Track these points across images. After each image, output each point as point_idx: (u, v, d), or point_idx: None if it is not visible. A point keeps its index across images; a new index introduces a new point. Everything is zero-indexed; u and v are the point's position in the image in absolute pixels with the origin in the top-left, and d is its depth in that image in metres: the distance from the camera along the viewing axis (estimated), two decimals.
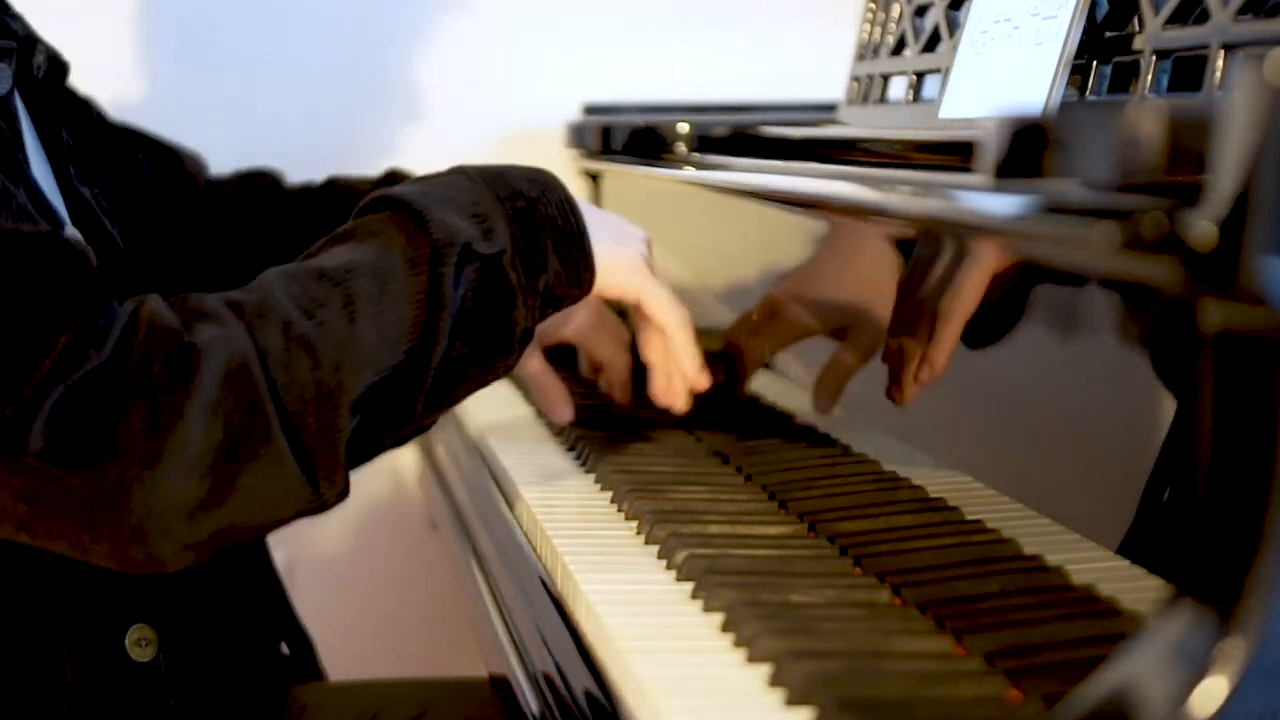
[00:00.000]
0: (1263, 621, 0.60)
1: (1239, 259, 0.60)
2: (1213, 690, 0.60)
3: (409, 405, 0.94)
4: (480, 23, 1.87)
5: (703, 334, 1.15)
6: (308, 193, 1.45)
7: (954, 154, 1.01)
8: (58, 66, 1.11)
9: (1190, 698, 0.60)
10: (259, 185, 1.46)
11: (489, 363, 0.97)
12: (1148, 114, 0.63)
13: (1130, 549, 0.78)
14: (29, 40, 1.08)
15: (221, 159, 1.83)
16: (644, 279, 1.09)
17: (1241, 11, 0.95)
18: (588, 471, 1.20)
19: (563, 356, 1.33)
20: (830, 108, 1.54)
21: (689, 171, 1.41)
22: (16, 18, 1.10)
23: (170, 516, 0.84)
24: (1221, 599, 0.61)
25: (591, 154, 1.73)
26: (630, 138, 1.57)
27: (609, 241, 1.06)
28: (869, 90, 1.44)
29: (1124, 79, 1.06)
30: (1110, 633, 0.70)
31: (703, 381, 1.14)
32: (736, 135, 1.40)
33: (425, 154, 1.89)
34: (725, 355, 1.28)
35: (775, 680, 0.76)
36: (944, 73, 1.25)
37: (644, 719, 0.77)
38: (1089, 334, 0.83)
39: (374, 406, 0.91)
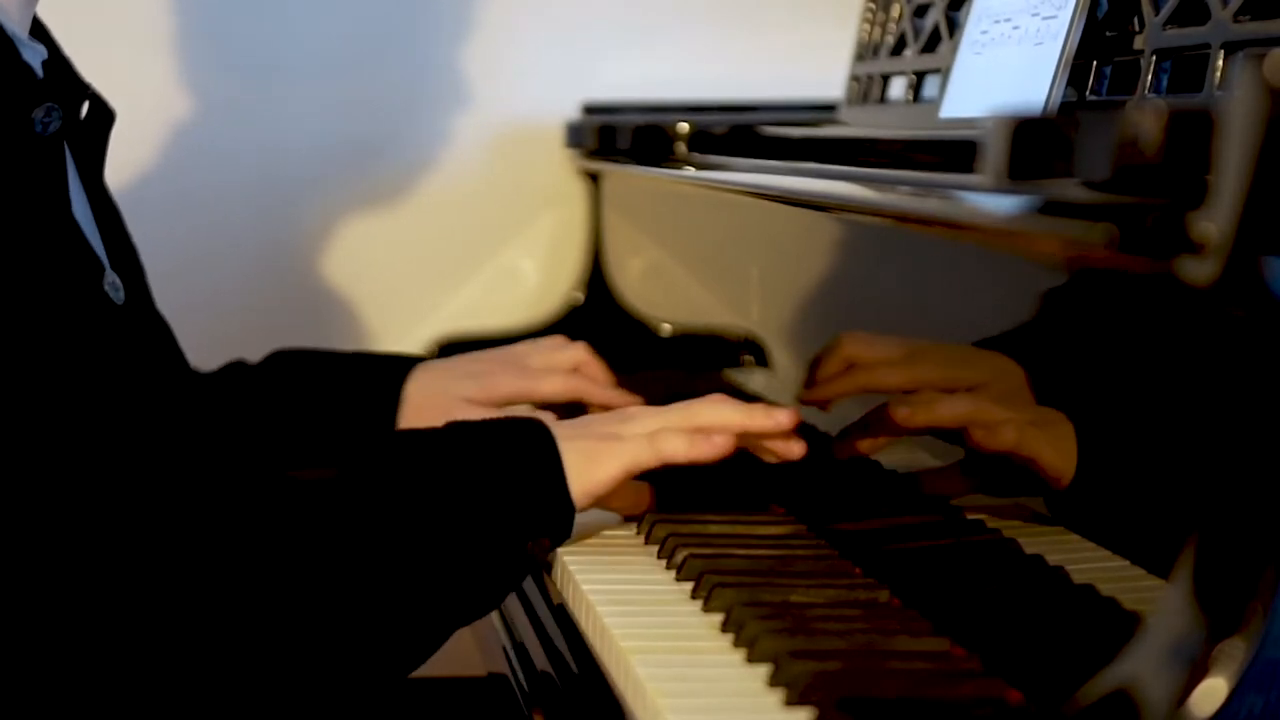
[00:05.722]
0: (1262, 622, 0.60)
1: (1241, 259, 0.60)
2: (1212, 691, 0.60)
3: None
4: (479, 21, 1.87)
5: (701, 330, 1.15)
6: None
7: (954, 154, 1.01)
8: (104, 115, 1.12)
9: (1190, 698, 0.60)
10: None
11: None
12: (1148, 114, 0.63)
13: (1131, 549, 0.78)
14: (79, 88, 1.08)
15: (223, 160, 1.84)
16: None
17: (1241, 11, 0.95)
18: None
19: None
20: (830, 108, 1.54)
21: (689, 171, 1.41)
22: (68, 63, 1.10)
23: None
24: (1222, 600, 0.61)
25: (590, 154, 1.72)
26: (630, 137, 1.56)
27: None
28: (869, 90, 1.44)
29: (1124, 79, 1.06)
30: (1110, 634, 0.70)
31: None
32: (736, 135, 1.40)
33: (424, 153, 1.89)
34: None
35: (775, 680, 0.76)
36: (944, 73, 1.25)
37: (644, 719, 0.77)
38: (1090, 334, 0.83)
39: None
